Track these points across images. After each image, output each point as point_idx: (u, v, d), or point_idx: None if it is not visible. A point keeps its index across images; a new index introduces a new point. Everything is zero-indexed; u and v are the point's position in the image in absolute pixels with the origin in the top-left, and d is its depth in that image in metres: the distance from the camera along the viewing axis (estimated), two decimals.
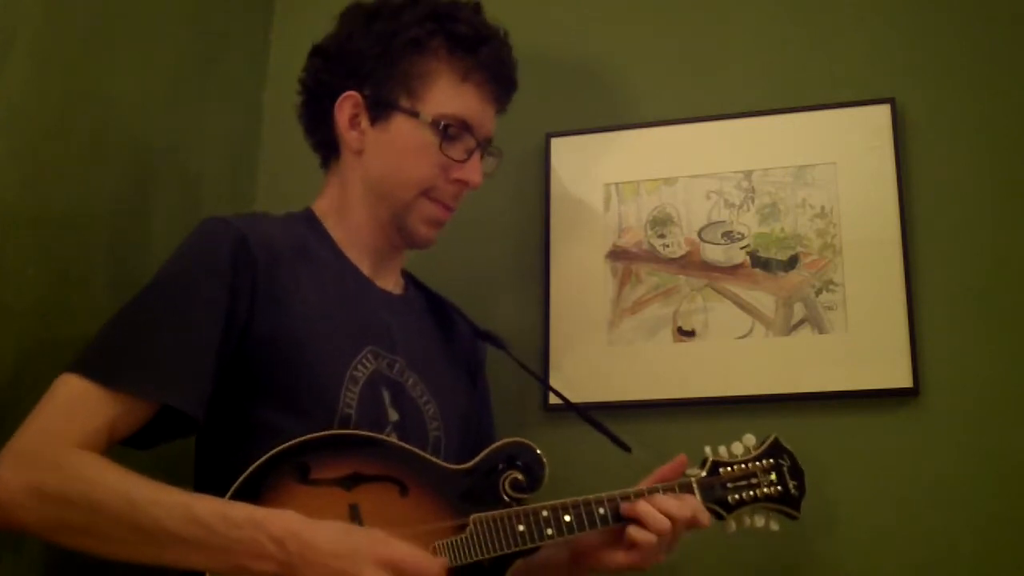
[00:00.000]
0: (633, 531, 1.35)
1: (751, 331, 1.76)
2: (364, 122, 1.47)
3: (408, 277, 1.60)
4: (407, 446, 1.35)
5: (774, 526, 1.46)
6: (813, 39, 1.87)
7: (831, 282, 1.75)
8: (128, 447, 1.27)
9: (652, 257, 1.84)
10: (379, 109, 1.47)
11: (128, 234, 1.63)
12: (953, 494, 1.63)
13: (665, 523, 1.34)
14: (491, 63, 1.49)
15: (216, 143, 1.92)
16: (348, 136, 1.48)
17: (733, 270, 1.80)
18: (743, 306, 1.78)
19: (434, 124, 1.45)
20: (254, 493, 1.21)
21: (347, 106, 1.47)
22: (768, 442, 1.48)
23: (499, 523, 1.31)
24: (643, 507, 1.35)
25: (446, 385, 1.50)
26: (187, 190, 1.80)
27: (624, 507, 1.36)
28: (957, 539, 1.60)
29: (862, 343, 1.70)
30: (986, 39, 1.79)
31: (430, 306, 1.60)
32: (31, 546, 1.38)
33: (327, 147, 1.53)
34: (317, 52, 1.53)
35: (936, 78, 1.79)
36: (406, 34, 1.46)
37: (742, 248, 1.80)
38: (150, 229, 1.67)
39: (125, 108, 1.65)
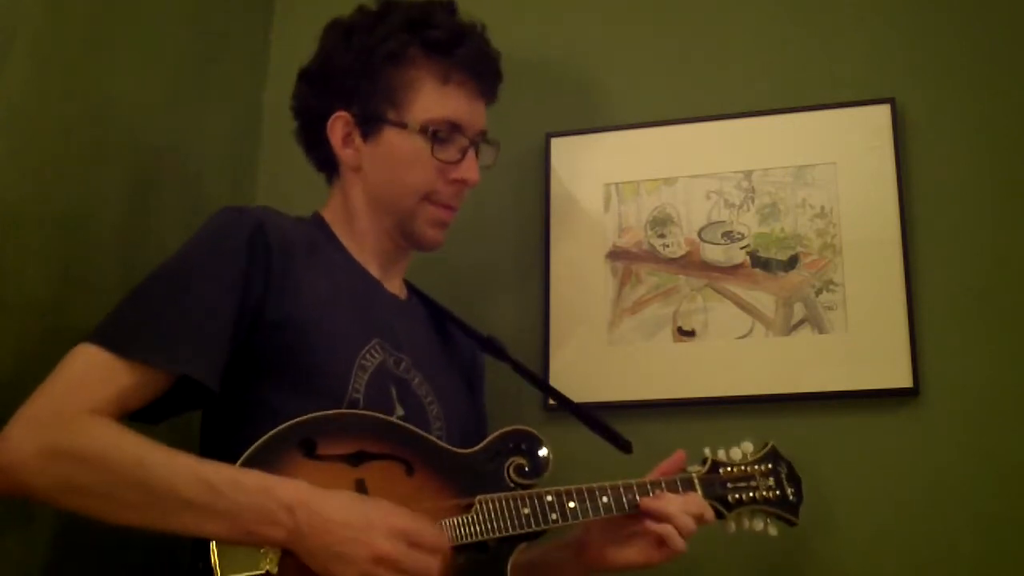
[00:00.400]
0: (656, 527, 1.36)
1: (751, 331, 1.76)
2: (357, 139, 1.49)
3: (409, 286, 1.61)
4: (414, 428, 1.36)
5: (772, 531, 1.47)
6: (813, 39, 1.87)
7: (831, 282, 1.75)
8: (137, 422, 1.27)
9: (652, 257, 1.83)
10: (369, 125, 1.48)
11: (128, 234, 1.63)
12: (953, 494, 1.63)
13: (692, 525, 1.37)
14: (470, 60, 1.50)
15: (216, 143, 1.92)
16: (344, 155, 1.50)
17: (733, 270, 1.80)
18: (743, 306, 1.78)
19: (423, 131, 1.46)
20: (260, 466, 1.21)
21: (338, 127, 1.49)
22: (766, 449, 1.50)
23: (505, 504, 1.32)
24: (668, 506, 1.37)
25: (448, 388, 1.51)
26: (187, 190, 1.80)
27: (650, 505, 1.37)
28: (957, 539, 1.61)
29: (862, 343, 1.70)
30: (986, 39, 1.79)
31: (430, 315, 1.61)
32: (40, 523, 1.38)
33: (327, 164, 1.55)
34: (302, 77, 1.55)
35: (936, 78, 1.79)
36: (382, 48, 1.47)
37: (742, 248, 1.80)
38: (150, 228, 1.67)
39: (125, 108, 1.65)
